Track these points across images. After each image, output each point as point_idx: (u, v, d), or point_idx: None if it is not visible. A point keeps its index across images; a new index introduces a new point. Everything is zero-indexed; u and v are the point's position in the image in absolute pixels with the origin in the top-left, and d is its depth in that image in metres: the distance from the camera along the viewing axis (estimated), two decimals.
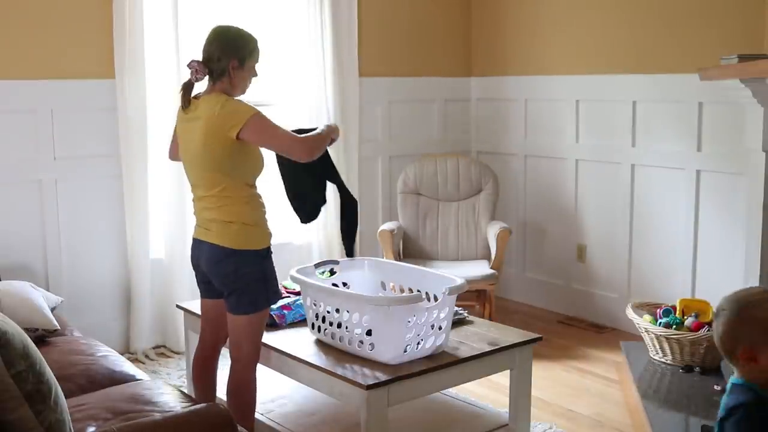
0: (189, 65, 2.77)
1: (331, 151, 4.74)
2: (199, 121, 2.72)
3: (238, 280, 2.78)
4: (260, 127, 2.70)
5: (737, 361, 1.73)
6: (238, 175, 2.77)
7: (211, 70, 2.76)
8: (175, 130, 2.98)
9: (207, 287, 2.95)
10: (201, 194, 2.82)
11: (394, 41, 5.23)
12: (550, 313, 5.14)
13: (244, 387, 2.90)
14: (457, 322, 3.20)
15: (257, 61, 2.83)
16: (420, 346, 2.80)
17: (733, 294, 1.77)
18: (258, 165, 2.85)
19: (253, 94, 4.65)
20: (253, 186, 2.85)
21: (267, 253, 2.84)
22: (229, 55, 2.73)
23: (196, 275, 3.00)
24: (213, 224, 2.80)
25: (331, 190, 3.38)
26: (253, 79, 2.86)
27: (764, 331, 1.67)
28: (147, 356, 4.32)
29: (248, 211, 2.79)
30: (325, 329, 2.98)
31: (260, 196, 2.88)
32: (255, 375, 2.93)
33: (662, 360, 3.85)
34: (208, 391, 3.09)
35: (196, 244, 2.90)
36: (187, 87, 2.81)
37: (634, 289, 4.70)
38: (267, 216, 2.89)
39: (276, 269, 2.92)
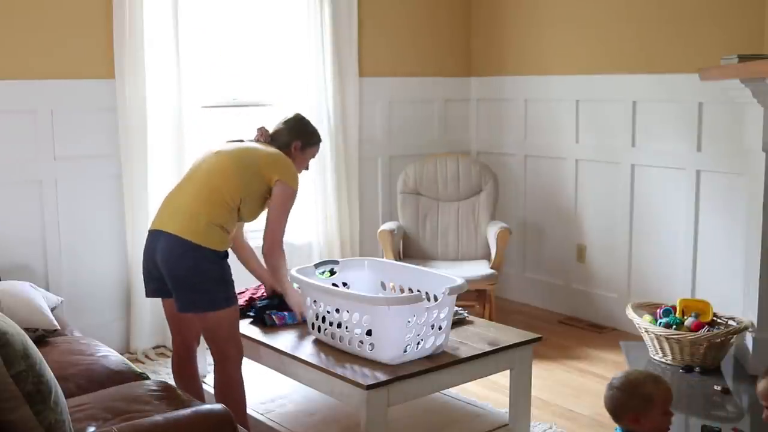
0: (259, 129, 3.11)
1: (331, 151, 4.81)
2: (254, 145, 3.01)
3: (196, 276, 2.77)
4: (286, 198, 2.94)
5: (624, 423, 2.27)
6: (243, 199, 2.87)
7: (276, 140, 3.07)
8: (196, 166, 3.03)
9: (157, 286, 2.92)
10: (199, 187, 2.85)
11: (394, 41, 5.23)
12: (550, 313, 5.14)
13: (229, 386, 2.89)
14: (457, 322, 3.21)
15: (313, 157, 3.17)
16: (420, 346, 2.80)
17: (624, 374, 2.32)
18: (257, 214, 3.00)
19: (254, 95, 4.68)
20: (235, 224, 2.93)
21: (226, 255, 2.87)
22: (296, 136, 3.08)
23: (147, 272, 2.94)
24: (179, 215, 2.80)
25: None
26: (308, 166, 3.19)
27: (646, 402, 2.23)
28: (147, 356, 4.32)
29: (223, 219, 2.84)
30: (325, 329, 2.98)
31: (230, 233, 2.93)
32: (240, 373, 2.91)
33: (662, 360, 3.85)
34: (190, 392, 3.05)
35: (154, 236, 2.86)
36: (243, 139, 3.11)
37: (634, 289, 4.70)
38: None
39: None
